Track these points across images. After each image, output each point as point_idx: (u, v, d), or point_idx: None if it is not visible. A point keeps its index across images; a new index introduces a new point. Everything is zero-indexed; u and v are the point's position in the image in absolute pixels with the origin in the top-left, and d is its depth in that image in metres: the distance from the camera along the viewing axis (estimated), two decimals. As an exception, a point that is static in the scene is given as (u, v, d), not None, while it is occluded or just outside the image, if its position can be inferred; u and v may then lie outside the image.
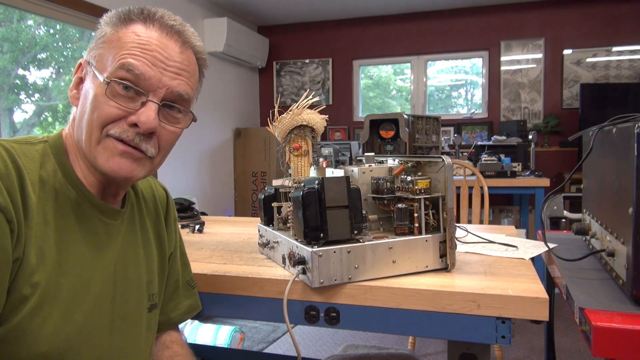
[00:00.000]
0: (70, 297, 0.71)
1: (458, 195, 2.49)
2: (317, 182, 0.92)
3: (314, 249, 0.89)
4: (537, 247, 1.22)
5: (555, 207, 1.85)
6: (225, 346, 2.52)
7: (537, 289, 0.86)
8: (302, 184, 0.97)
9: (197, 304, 1.02)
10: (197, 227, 1.55)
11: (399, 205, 0.98)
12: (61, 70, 3.45)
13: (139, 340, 0.85)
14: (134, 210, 0.89)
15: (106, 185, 0.80)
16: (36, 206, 0.69)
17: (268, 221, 1.17)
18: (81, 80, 0.78)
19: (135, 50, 0.73)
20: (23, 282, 0.66)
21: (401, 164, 1.08)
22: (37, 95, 3.27)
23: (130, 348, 0.82)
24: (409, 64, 5.12)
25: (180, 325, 1.82)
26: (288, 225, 1.07)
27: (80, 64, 0.79)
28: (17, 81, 3.10)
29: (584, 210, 1.28)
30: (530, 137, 3.63)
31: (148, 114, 0.74)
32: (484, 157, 3.35)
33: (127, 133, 0.74)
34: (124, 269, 0.82)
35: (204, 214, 1.98)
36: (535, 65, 4.65)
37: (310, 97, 1.10)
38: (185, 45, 0.79)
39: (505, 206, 4.52)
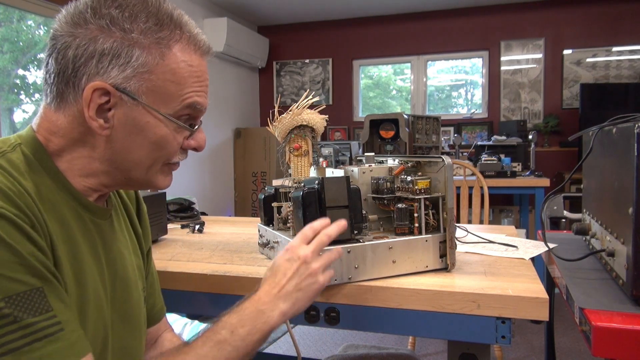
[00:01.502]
0: (83, 306, 0.70)
1: (458, 195, 2.49)
2: (317, 182, 0.92)
3: (314, 249, 0.89)
4: (537, 247, 1.22)
5: (555, 207, 1.85)
6: (225, 346, 2.52)
7: (537, 289, 0.86)
8: (302, 184, 0.97)
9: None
10: (197, 227, 1.55)
11: (399, 205, 0.98)
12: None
13: (141, 335, 0.85)
14: (114, 207, 0.86)
15: (107, 190, 0.78)
16: (46, 221, 0.66)
17: (268, 221, 1.17)
18: (101, 107, 0.68)
19: (196, 86, 0.73)
20: None
21: (401, 164, 1.08)
22: (37, 95, 3.27)
23: (135, 344, 0.82)
24: (409, 64, 5.12)
25: (180, 326, 1.82)
26: (288, 225, 1.07)
27: (100, 89, 0.67)
28: (17, 81, 3.10)
29: (584, 210, 1.28)
30: (530, 137, 3.63)
31: (204, 137, 0.79)
32: (484, 157, 3.35)
33: (183, 156, 0.79)
34: (117, 267, 0.81)
35: (204, 214, 1.98)
36: (535, 65, 4.65)
37: (310, 97, 1.10)
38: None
39: (505, 206, 4.52)
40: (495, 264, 1.06)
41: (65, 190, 0.71)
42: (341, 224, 0.86)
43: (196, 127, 0.77)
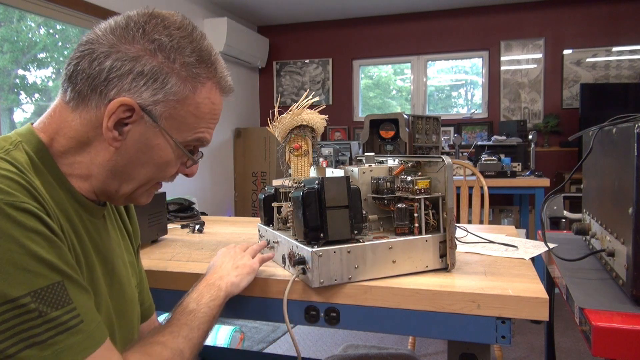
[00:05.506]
0: (96, 298, 0.71)
1: (458, 195, 2.49)
2: (317, 182, 0.92)
3: (314, 249, 0.89)
4: (537, 247, 1.22)
5: (555, 207, 1.85)
6: (225, 346, 2.52)
7: (537, 289, 0.86)
8: (302, 184, 0.97)
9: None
10: (197, 227, 1.55)
11: (399, 205, 0.98)
12: (61, 70, 3.45)
13: (134, 331, 0.85)
14: (107, 206, 0.87)
15: (95, 195, 0.78)
16: (58, 215, 0.67)
17: (268, 221, 1.17)
18: (120, 121, 0.69)
19: (211, 122, 0.77)
20: None
21: (401, 164, 1.08)
22: (37, 95, 3.27)
23: (130, 339, 0.83)
24: (409, 64, 5.13)
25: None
26: (288, 225, 1.07)
27: (127, 105, 0.68)
28: (17, 81, 3.10)
29: (584, 210, 1.28)
30: (530, 137, 3.63)
31: (197, 167, 0.83)
32: (484, 157, 3.35)
33: (171, 180, 0.82)
34: (113, 264, 0.81)
35: (204, 214, 1.98)
36: (535, 65, 4.65)
37: (310, 97, 1.10)
38: None
39: (505, 206, 4.52)
40: (495, 264, 1.06)
41: (65, 189, 0.72)
42: (270, 255, 1.05)
43: (199, 158, 0.81)
